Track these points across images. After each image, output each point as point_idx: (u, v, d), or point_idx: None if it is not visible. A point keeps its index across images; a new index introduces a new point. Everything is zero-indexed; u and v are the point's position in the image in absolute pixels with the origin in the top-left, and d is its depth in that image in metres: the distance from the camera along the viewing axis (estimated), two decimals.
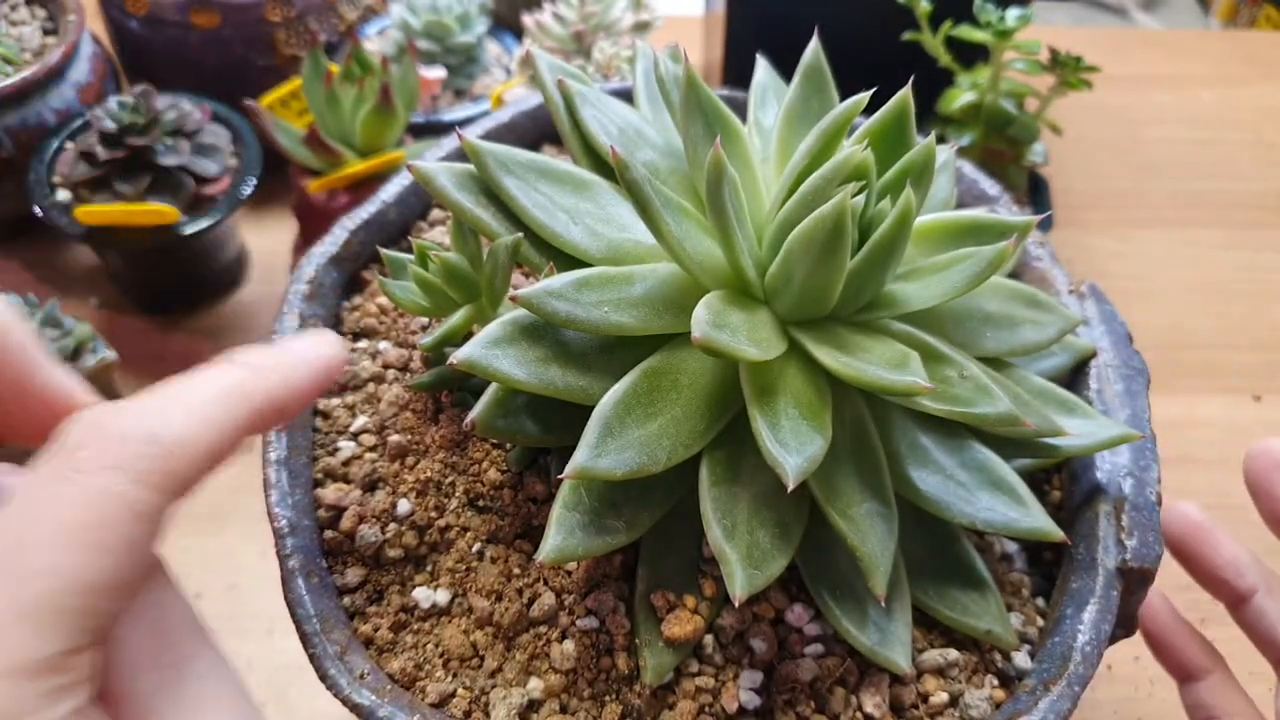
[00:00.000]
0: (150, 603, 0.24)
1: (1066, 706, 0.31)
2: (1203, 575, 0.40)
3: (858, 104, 0.32)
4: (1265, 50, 1.03)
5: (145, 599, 0.24)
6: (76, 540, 0.21)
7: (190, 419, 0.23)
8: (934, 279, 0.32)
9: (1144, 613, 0.41)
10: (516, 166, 0.34)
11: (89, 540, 0.21)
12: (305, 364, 0.27)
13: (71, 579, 0.21)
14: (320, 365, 0.27)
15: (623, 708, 0.32)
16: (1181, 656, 0.40)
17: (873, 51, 0.62)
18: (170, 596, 0.25)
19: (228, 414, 0.24)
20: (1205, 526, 0.39)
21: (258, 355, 0.26)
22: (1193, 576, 0.40)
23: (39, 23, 0.76)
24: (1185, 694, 0.40)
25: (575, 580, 0.33)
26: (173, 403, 0.24)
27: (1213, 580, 0.39)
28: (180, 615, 0.24)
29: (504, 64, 0.83)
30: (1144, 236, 0.83)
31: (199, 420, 0.23)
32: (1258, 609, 0.38)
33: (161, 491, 0.22)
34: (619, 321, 0.30)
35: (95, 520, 0.21)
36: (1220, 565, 0.39)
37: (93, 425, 0.23)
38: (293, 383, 0.26)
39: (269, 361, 0.26)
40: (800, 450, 0.28)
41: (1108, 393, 0.38)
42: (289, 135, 0.68)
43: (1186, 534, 0.39)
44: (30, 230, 0.75)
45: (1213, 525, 0.39)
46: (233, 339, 0.72)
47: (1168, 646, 0.41)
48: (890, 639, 0.32)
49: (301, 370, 0.27)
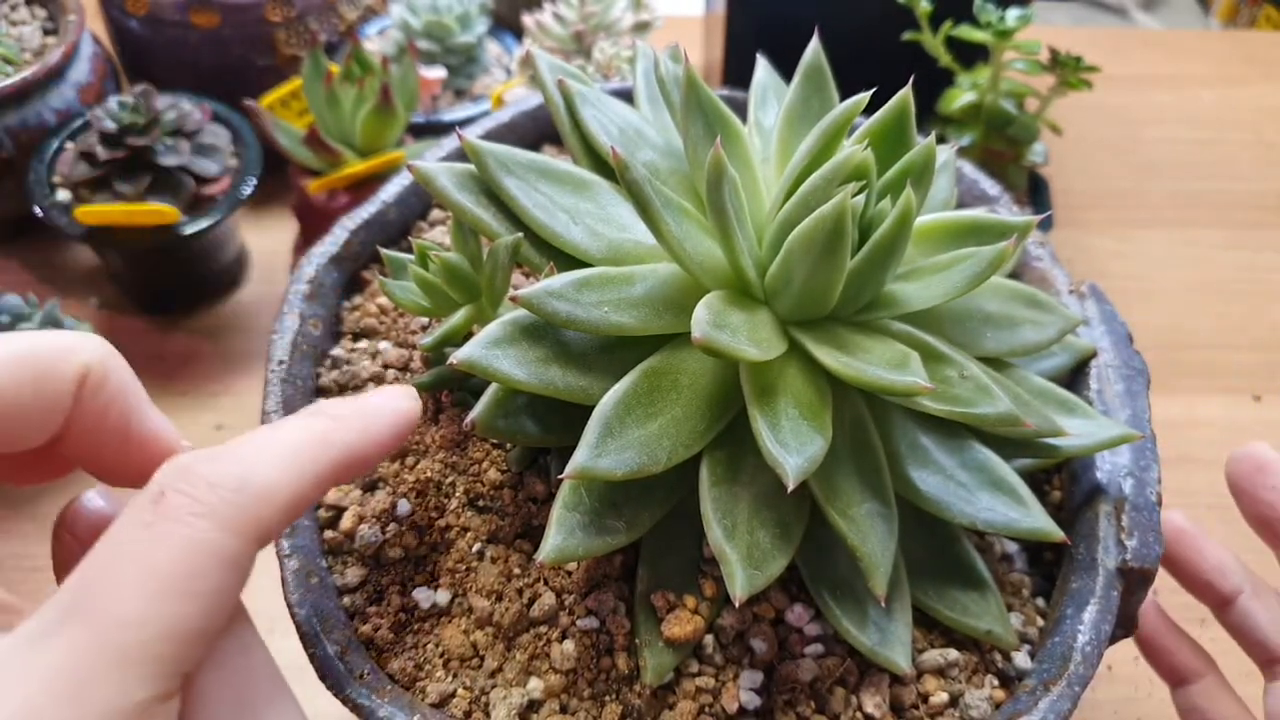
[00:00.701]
0: (231, 649, 0.24)
1: (1066, 707, 0.31)
2: (1189, 580, 0.40)
3: (858, 104, 0.32)
4: (1265, 50, 1.03)
5: (226, 644, 0.24)
6: (168, 588, 0.21)
7: (277, 468, 0.24)
8: (934, 279, 0.32)
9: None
10: (517, 166, 0.34)
11: (180, 589, 0.21)
12: (383, 416, 0.28)
13: (162, 627, 0.21)
14: (398, 418, 0.28)
15: (623, 708, 0.32)
16: (1173, 660, 0.41)
17: (873, 51, 0.62)
18: (250, 642, 0.25)
19: (312, 463, 0.25)
20: (1190, 532, 0.40)
21: (339, 407, 0.27)
22: (1179, 581, 0.41)
23: (39, 23, 0.76)
24: (1178, 697, 0.41)
25: (575, 580, 0.33)
26: (260, 451, 0.24)
27: (1198, 584, 0.40)
28: (259, 662, 0.24)
29: (504, 64, 0.83)
30: (1144, 236, 0.83)
31: (285, 469, 0.24)
32: (1242, 610, 0.39)
33: (249, 539, 0.23)
34: (619, 322, 0.30)
35: (186, 569, 0.21)
36: (1205, 569, 0.40)
37: (185, 471, 0.23)
38: (371, 434, 0.27)
39: (349, 413, 0.27)
40: (800, 450, 0.28)
41: (1108, 393, 0.38)
42: (289, 135, 0.68)
43: (1173, 540, 0.40)
44: (30, 230, 0.75)
45: (1198, 531, 0.40)
46: (233, 339, 0.72)
47: (1160, 650, 0.41)
48: (890, 639, 0.32)
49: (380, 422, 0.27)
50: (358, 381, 0.40)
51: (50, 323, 0.60)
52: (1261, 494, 0.38)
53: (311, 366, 0.40)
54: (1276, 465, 0.38)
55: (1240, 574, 0.39)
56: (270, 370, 0.38)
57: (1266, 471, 0.38)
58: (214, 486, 0.22)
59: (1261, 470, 0.38)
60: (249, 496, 0.23)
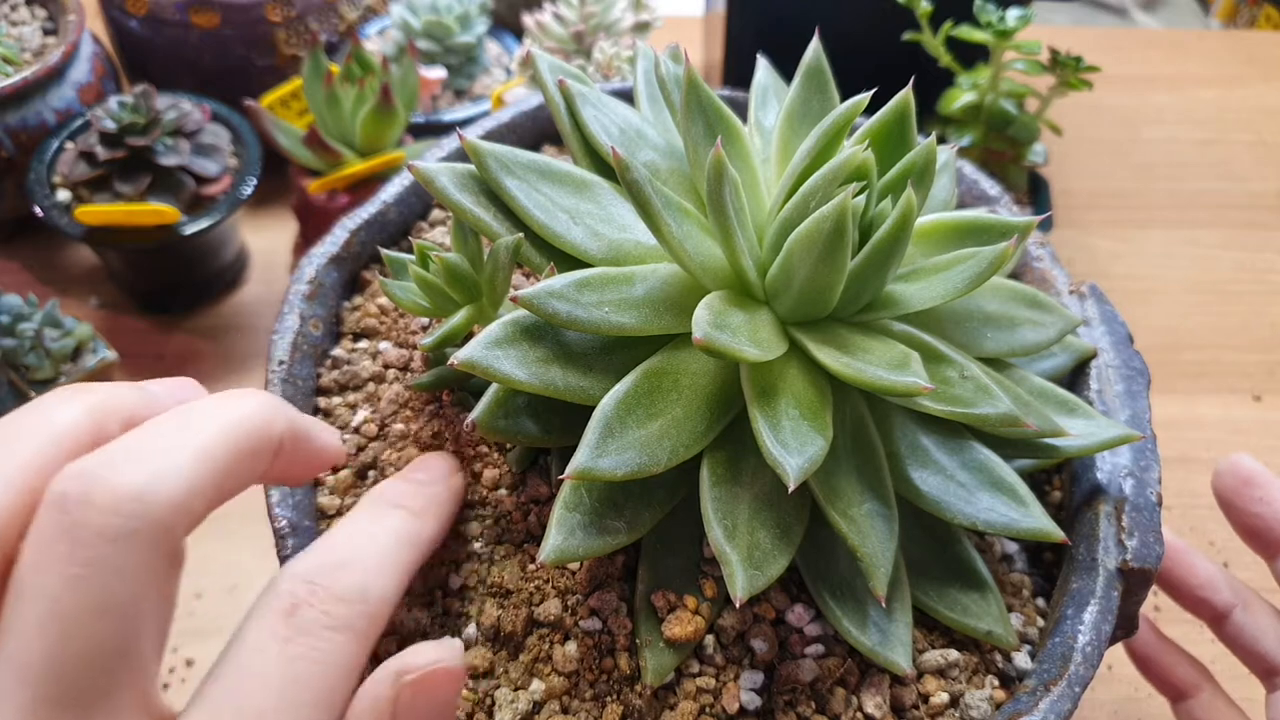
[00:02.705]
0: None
1: (1067, 707, 0.31)
2: (1182, 596, 0.41)
3: (858, 104, 0.32)
4: (1265, 50, 1.03)
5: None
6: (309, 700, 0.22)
7: (386, 574, 0.25)
8: (935, 279, 0.32)
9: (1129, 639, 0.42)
10: (517, 167, 0.34)
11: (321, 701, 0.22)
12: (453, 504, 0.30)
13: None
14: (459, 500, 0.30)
15: (624, 708, 0.32)
16: (1171, 676, 0.41)
17: (873, 52, 0.62)
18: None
19: (408, 566, 0.26)
20: (1180, 549, 0.41)
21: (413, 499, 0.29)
22: (1173, 598, 0.41)
23: (39, 23, 0.76)
24: (1178, 712, 0.41)
25: (578, 581, 0.33)
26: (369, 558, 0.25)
27: (1192, 600, 0.40)
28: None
29: (504, 64, 0.83)
30: (1144, 236, 0.83)
31: (391, 574, 0.25)
32: (1237, 624, 0.39)
33: (370, 646, 0.24)
34: (620, 322, 0.30)
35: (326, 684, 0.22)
36: (1197, 585, 0.40)
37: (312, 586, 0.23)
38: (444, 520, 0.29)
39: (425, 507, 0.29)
40: (801, 451, 0.28)
41: (1108, 393, 0.38)
42: (289, 135, 0.68)
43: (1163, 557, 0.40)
44: (30, 230, 0.75)
45: (1188, 547, 0.41)
46: (233, 339, 0.72)
47: (1157, 666, 0.42)
48: (891, 639, 0.32)
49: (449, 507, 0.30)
50: (358, 381, 0.40)
51: (50, 323, 0.60)
52: (1251, 507, 0.38)
53: (312, 367, 0.40)
54: (1263, 477, 0.39)
55: (1231, 588, 0.40)
56: (270, 370, 0.38)
57: (1253, 484, 0.38)
58: (342, 600, 0.23)
59: (1249, 483, 0.39)
60: (372, 606, 0.24)
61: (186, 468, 0.22)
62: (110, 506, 0.21)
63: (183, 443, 0.23)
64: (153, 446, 0.22)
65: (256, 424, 0.24)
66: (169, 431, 0.23)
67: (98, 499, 0.21)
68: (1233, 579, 0.40)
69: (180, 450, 0.22)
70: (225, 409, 0.24)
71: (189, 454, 0.22)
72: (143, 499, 0.21)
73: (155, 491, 0.21)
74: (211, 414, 0.24)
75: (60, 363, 0.60)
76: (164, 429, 0.23)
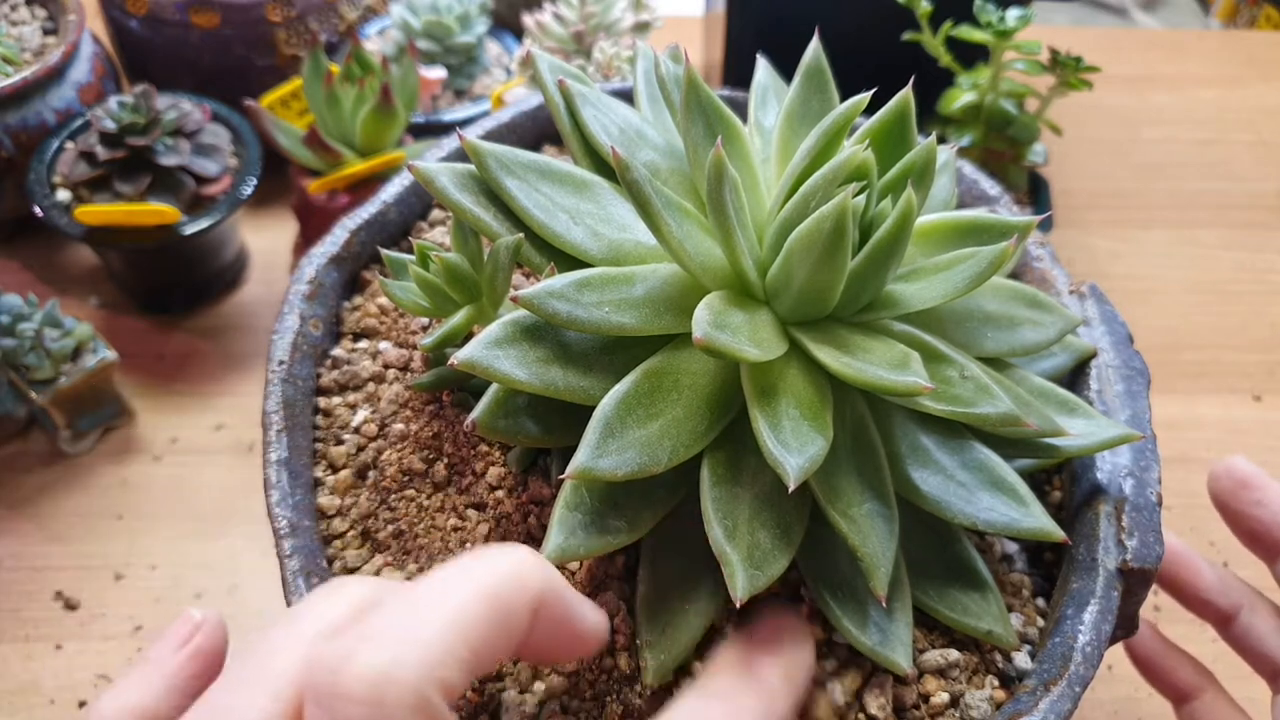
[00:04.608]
0: None
1: (1067, 707, 0.31)
2: (1188, 600, 0.41)
3: (858, 104, 0.32)
4: (1265, 50, 1.03)
5: None
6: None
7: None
8: (935, 279, 0.32)
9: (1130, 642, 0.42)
10: (517, 167, 0.34)
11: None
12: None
13: None
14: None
15: (624, 708, 0.32)
16: (1173, 679, 0.41)
17: (873, 52, 0.62)
18: None
19: None
20: (1185, 552, 0.40)
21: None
22: (1180, 602, 0.41)
23: (39, 23, 0.76)
24: (1181, 715, 0.41)
25: (579, 581, 0.33)
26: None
27: (1198, 603, 0.40)
28: None
29: (504, 64, 0.83)
30: (1144, 236, 0.83)
31: None
32: (1244, 626, 0.39)
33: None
34: (620, 322, 0.30)
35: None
36: (1203, 589, 0.40)
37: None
38: None
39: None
40: (801, 451, 0.28)
41: (1108, 393, 0.38)
42: (289, 135, 0.68)
43: (1168, 561, 0.40)
44: (30, 230, 0.75)
45: (1191, 551, 0.41)
46: (233, 339, 0.72)
47: (1159, 669, 0.42)
48: (891, 639, 0.32)
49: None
50: (358, 381, 0.40)
51: (50, 323, 0.60)
52: (1248, 510, 0.38)
53: (312, 366, 0.40)
54: (1259, 479, 0.38)
55: (1237, 590, 0.40)
56: (270, 370, 0.38)
57: (1250, 487, 0.38)
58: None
59: (1245, 486, 0.38)
60: None
61: (434, 639, 0.22)
62: (360, 696, 0.21)
63: (427, 618, 0.22)
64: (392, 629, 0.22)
65: (509, 583, 0.24)
66: (408, 609, 0.23)
67: (344, 689, 0.21)
68: (1239, 582, 0.40)
69: (426, 626, 0.22)
70: (477, 569, 0.24)
71: (434, 627, 0.22)
72: (390, 680, 0.21)
73: (400, 669, 0.21)
74: (460, 577, 0.24)
75: (60, 363, 0.60)
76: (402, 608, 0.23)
